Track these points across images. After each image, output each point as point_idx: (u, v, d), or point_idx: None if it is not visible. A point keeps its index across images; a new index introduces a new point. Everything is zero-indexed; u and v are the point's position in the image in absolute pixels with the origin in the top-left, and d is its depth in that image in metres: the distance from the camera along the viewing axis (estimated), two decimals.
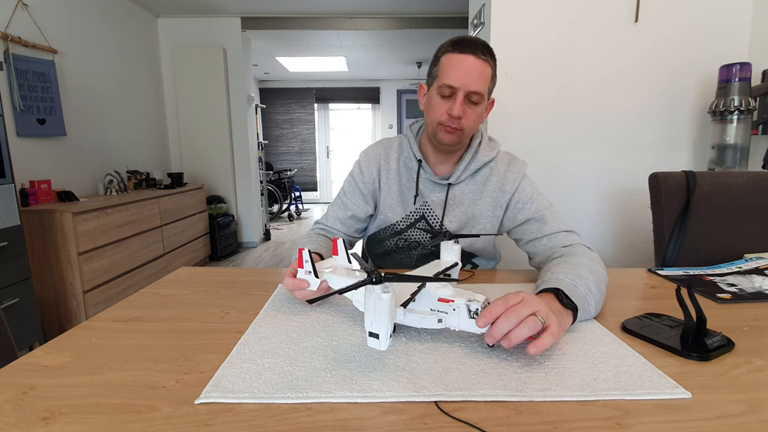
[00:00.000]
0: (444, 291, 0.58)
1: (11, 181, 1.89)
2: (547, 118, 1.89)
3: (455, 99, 0.88)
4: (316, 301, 0.52)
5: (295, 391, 0.48)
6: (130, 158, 3.45)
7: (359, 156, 1.09)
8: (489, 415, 0.44)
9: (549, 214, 0.94)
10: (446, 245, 0.81)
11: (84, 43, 2.96)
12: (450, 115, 0.89)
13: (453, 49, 0.88)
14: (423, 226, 1.04)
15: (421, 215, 1.03)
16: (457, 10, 3.83)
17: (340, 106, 7.80)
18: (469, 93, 0.87)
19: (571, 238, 0.89)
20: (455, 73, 0.87)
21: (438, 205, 1.02)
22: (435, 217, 1.03)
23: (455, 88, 0.87)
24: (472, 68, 0.87)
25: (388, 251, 1.10)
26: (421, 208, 1.03)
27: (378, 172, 1.05)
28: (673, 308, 0.68)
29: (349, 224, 1.07)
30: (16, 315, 1.92)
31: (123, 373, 0.53)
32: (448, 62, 0.89)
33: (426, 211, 1.03)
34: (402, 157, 1.05)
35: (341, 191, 1.10)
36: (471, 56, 0.87)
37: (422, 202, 1.03)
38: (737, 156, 1.70)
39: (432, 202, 1.02)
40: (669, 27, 1.80)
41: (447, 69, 0.88)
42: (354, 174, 1.07)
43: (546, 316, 0.55)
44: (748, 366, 0.53)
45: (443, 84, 0.88)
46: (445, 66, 0.89)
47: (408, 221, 1.04)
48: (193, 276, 0.94)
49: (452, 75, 0.87)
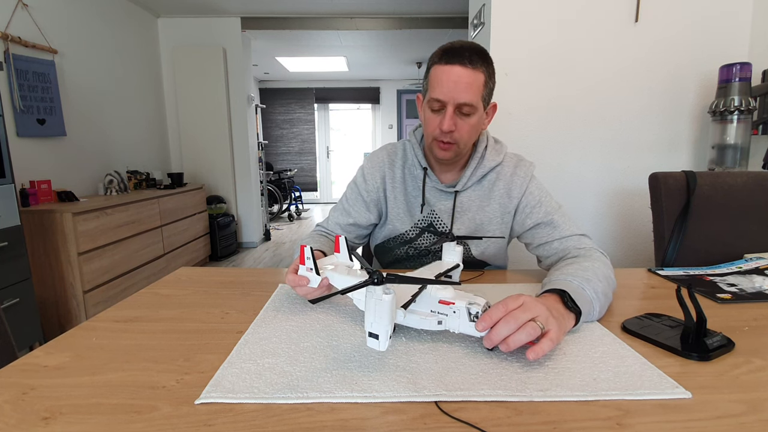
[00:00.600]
0: (445, 293, 0.58)
1: (11, 181, 1.89)
2: (546, 118, 1.89)
3: (445, 113, 0.86)
4: (319, 301, 0.52)
5: (295, 391, 0.48)
6: (130, 158, 3.45)
7: (363, 162, 1.07)
8: (489, 415, 0.44)
9: (558, 218, 0.93)
10: (448, 246, 0.81)
11: (84, 43, 2.96)
12: (441, 130, 0.87)
13: (440, 60, 0.86)
14: (431, 234, 1.02)
15: (429, 223, 1.02)
16: (457, 10, 3.83)
17: (340, 106, 7.80)
18: (459, 105, 0.85)
19: (583, 242, 0.88)
20: (442, 86, 0.85)
21: (446, 213, 1.00)
22: (443, 225, 1.01)
23: (443, 102, 0.85)
24: (458, 79, 0.84)
25: (398, 259, 1.09)
26: (428, 216, 1.01)
27: (383, 181, 1.03)
28: (674, 308, 0.68)
29: (349, 230, 1.06)
30: (16, 315, 1.92)
31: (123, 373, 0.53)
32: (436, 74, 0.86)
33: (434, 219, 1.01)
34: (407, 165, 1.03)
35: (344, 197, 1.09)
36: (457, 66, 0.84)
37: (429, 210, 1.01)
38: (737, 156, 1.70)
39: (439, 210, 1.00)
40: (669, 27, 1.80)
41: (434, 82, 0.86)
42: (357, 181, 1.06)
43: (545, 321, 0.55)
44: (748, 366, 0.53)
45: (431, 98, 0.87)
46: (433, 78, 0.87)
47: (416, 230, 1.03)
48: (193, 276, 0.94)
49: (439, 88, 0.85)
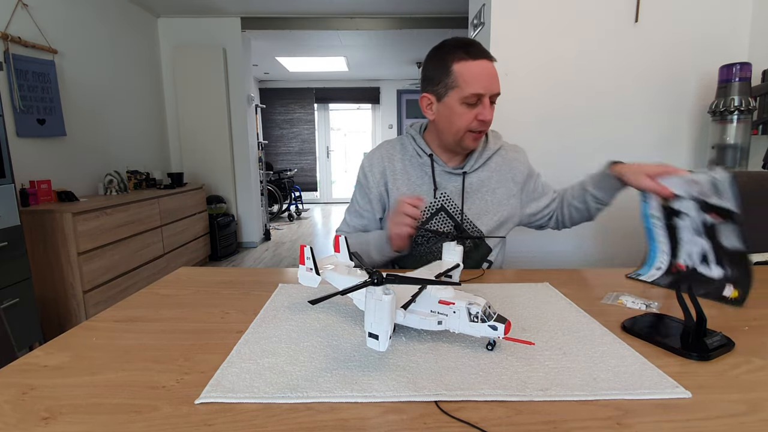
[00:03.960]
0: (445, 293, 0.58)
1: (11, 182, 1.88)
2: (546, 117, 1.89)
3: (483, 105, 0.91)
4: (319, 301, 0.52)
5: (295, 390, 0.48)
6: (130, 158, 3.45)
7: (362, 161, 1.10)
8: (489, 415, 0.44)
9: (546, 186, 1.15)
10: (448, 246, 0.81)
11: (84, 43, 2.96)
12: (481, 121, 0.92)
13: (467, 55, 0.89)
14: (443, 217, 1.05)
15: (441, 206, 1.04)
16: (457, 10, 3.82)
17: (340, 106, 7.80)
18: (493, 96, 0.92)
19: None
20: (479, 81, 0.89)
21: (456, 194, 1.03)
22: (454, 207, 1.04)
23: (482, 95, 0.90)
24: (491, 72, 0.91)
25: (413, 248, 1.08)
26: (439, 199, 1.04)
27: (382, 175, 1.06)
28: (674, 308, 0.68)
29: (367, 230, 1.10)
30: (16, 315, 1.92)
31: (123, 373, 0.53)
32: (467, 70, 0.89)
33: (445, 201, 1.04)
34: (406, 156, 1.06)
35: (354, 199, 1.12)
36: (485, 60, 0.90)
37: (440, 193, 1.04)
38: (737, 156, 1.70)
39: (450, 191, 1.04)
40: (669, 27, 1.80)
41: (468, 77, 0.89)
42: (360, 180, 1.10)
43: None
44: (748, 366, 0.53)
45: (470, 94, 0.90)
46: (464, 74, 0.90)
47: (428, 213, 1.05)
48: (193, 276, 0.94)
49: (476, 83, 0.89)
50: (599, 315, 0.70)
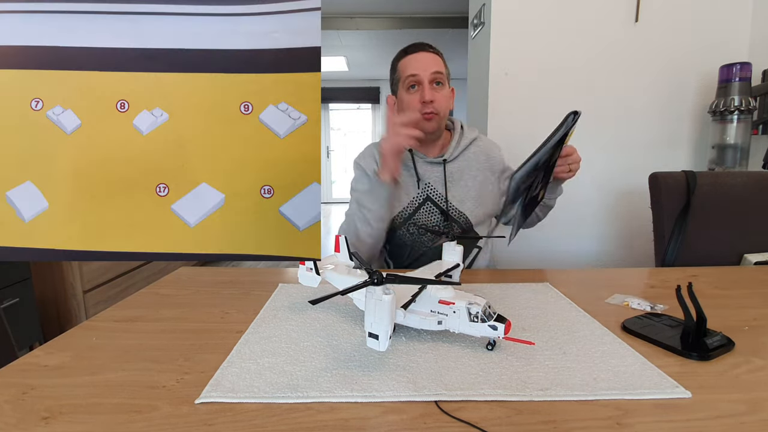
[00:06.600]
0: (445, 293, 0.58)
1: None
2: (546, 117, 1.88)
3: (422, 86, 1.00)
4: (319, 301, 0.52)
5: (296, 390, 0.48)
6: None
7: (357, 163, 1.13)
8: (489, 415, 0.44)
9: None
10: (448, 246, 0.81)
11: None
12: (423, 102, 0.99)
13: (405, 53, 1.04)
14: (429, 206, 1.09)
15: (426, 196, 1.09)
16: (457, 10, 3.83)
17: (340, 106, 7.79)
18: (432, 76, 1.00)
19: None
20: (413, 65, 1.01)
21: (439, 182, 1.09)
22: (439, 195, 1.08)
23: (418, 75, 1.00)
24: (425, 58, 1.02)
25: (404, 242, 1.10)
26: (424, 189, 1.09)
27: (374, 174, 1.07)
28: (674, 308, 0.68)
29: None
30: (16, 315, 1.92)
31: (123, 373, 0.53)
32: (405, 63, 1.03)
33: (430, 192, 1.08)
34: None
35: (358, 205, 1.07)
36: (422, 52, 1.03)
37: (423, 184, 1.09)
38: (737, 156, 1.70)
39: (433, 181, 1.09)
40: (669, 27, 1.80)
41: (405, 66, 1.03)
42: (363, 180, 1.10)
43: None
44: (748, 366, 0.53)
45: (407, 76, 1.01)
46: (403, 65, 1.03)
47: (414, 205, 1.08)
48: (193, 276, 0.94)
49: (410, 67, 1.01)
50: (599, 315, 0.70)
